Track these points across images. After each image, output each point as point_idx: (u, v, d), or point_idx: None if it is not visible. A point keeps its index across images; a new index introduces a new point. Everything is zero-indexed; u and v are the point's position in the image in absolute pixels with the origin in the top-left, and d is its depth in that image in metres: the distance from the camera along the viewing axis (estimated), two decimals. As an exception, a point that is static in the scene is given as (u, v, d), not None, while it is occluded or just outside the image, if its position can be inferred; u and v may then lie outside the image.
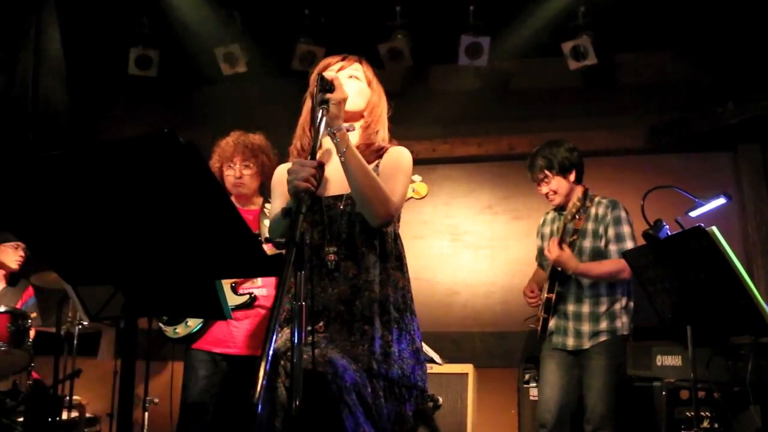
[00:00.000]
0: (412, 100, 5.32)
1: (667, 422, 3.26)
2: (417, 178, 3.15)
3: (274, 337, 1.62)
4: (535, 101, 5.26)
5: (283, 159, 3.76)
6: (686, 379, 3.12)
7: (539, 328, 3.77)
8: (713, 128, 4.72)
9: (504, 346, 4.98)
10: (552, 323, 3.73)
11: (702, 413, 3.18)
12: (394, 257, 2.34)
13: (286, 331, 2.29)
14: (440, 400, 4.28)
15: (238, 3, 5.16)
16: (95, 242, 1.78)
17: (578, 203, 3.57)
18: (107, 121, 5.94)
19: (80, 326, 4.36)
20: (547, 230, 3.98)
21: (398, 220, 2.39)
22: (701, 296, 2.73)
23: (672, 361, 3.31)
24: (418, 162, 2.75)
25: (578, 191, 3.76)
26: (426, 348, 3.85)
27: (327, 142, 2.33)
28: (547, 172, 3.74)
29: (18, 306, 4.68)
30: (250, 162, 3.59)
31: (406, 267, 2.39)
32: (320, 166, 1.93)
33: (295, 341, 1.74)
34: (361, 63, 2.50)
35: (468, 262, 5.20)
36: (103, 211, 1.67)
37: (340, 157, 2.14)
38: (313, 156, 1.98)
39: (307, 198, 1.88)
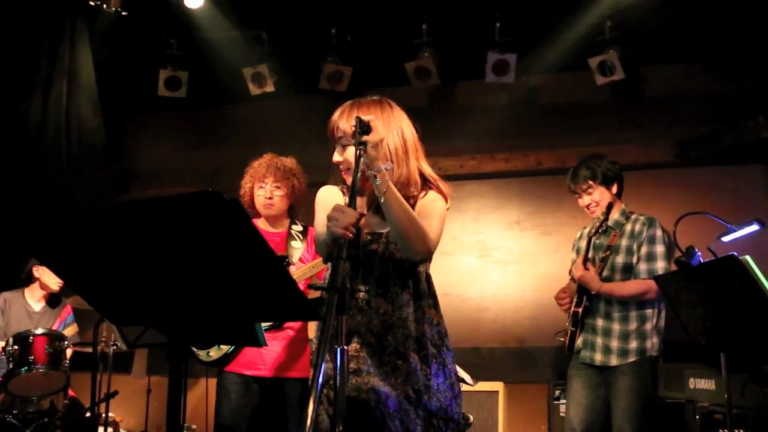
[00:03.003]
0: (440, 117, 5.35)
1: (701, 445, 3.25)
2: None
3: (320, 380, 1.67)
4: (563, 116, 5.25)
5: (312, 178, 3.84)
6: (720, 404, 3.10)
7: (566, 341, 3.77)
8: (743, 141, 4.67)
9: (534, 362, 4.98)
10: (579, 339, 3.72)
11: (737, 430, 3.16)
12: (428, 295, 2.39)
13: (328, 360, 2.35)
14: (471, 418, 4.25)
15: (265, 24, 5.22)
16: (141, 289, 1.83)
17: (601, 217, 3.55)
18: (138, 142, 6.05)
19: (114, 346, 4.45)
20: (583, 244, 3.86)
21: (430, 261, 2.42)
22: (735, 323, 2.72)
23: (705, 384, 3.28)
24: (445, 178, 2.75)
25: (618, 206, 3.75)
26: (457, 368, 3.88)
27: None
28: (590, 182, 3.70)
29: (56, 325, 4.79)
30: (281, 184, 3.63)
31: (439, 305, 2.43)
32: (360, 217, 1.97)
33: (338, 384, 1.79)
34: (358, 108, 2.35)
35: (497, 278, 5.22)
36: (150, 262, 1.72)
37: (380, 197, 2.17)
38: (352, 196, 2.02)
39: (346, 244, 1.92)
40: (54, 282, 4.81)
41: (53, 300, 4.96)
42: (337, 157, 2.39)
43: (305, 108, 5.44)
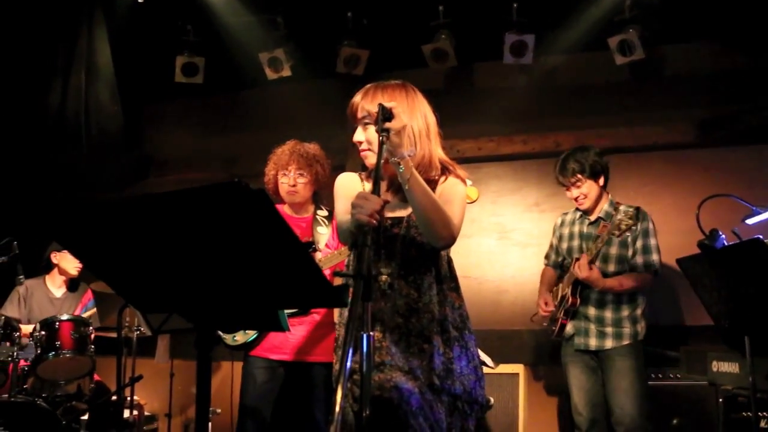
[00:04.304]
0: (457, 99, 5.31)
1: (725, 428, 3.25)
2: (467, 182, 3.10)
3: (347, 369, 1.68)
4: (581, 97, 5.17)
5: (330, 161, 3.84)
6: (744, 387, 3.10)
7: (556, 328, 3.91)
8: (767, 121, 4.62)
9: (553, 344, 4.96)
10: (570, 326, 3.87)
11: (761, 413, 3.15)
12: (449, 278, 2.42)
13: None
14: (491, 400, 4.32)
15: (281, 8, 5.21)
16: (168, 278, 1.85)
17: (630, 222, 3.53)
18: (156, 128, 6.08)
19: (138, 331, 4.51)
20: (566, 231, 4.09)
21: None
22: (759, 307, 2.70)
23: (729, 367, 3.27)
24: (464, 161, 2.74)
25: (605, 198, 3.92)
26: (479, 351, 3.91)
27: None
28: (579, 176, 3.84)
29: (78, 311, 4.86)
30: (304, 171, 3.64)
31: (460, 288, 2.45)
32: (384, 203, 1.98)
33: (365, 369, 1.80)
34: (383, 91, 2.39)
35: (516, 260, 5.20)
36: (177, 251, 1.74)
37: (403, 184, 2.18)
38: (376, 182, 2.03)
39: (371, 231, 1.92)
40: (72, 267, 4.88)
41: (73, 285, 5.03)
42: (358, 136, 2.40)
43: (322, 92, 5.43)
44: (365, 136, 2.38)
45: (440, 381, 2.26)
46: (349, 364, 1.68)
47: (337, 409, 1.60)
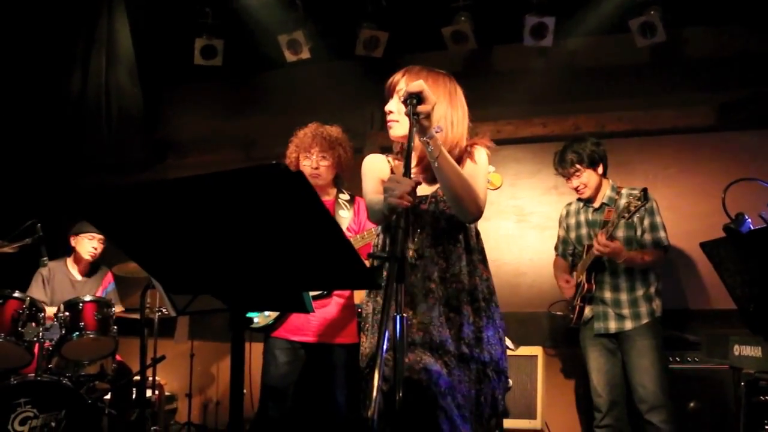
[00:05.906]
0: (476, 81, 5.25)
1: (746, 411, 3.25)
2: (490, 168, 3.08)
3: (384, 352, 1.70)
4: (601, 80, 5.15)
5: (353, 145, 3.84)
6: (767, 371, 3.11)
7: (575, 316, 3.97)
8: (789, 103, 4.59)
9: (571, 327, 4.99)
10: (588, 311, 3.94)
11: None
12: (477, 251, 2.46)
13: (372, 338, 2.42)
14: (510, 382, 4.34)
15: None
16: (205, 260, 1.86)
17: (638, 203, 3.60)
18: (175, 111, 6.09)
19: (159, 313, 4.55)
20: (572, 221, 4.16)
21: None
22: (786, 290, 2.70)
23: (751, 351, 3.26)
24: None
25: (606, 184, 3.98)
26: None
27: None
28: (578, 166, 3.92)
29: (99, 292, 4.91)
30: (326, 154, 3.63)
31: (487, 261, 2.49)
32: (416, 184, 1.99)
33: (398, 351, 1.82)
34: (428, 74, 2.44)
35: (534, 243, 5.21)
36: (215, 233, 1.75)
37: (432, 162, 2.19)
38: (407, 165, 2.04)
39: (404, 213, 1.94)
40: (86, 251, 4.91)
41: (94, 268, 5.07)
42: (391, 105, 2.42)
43: (341, 74, 5.42)
44: (396, 106, 2.39)
45: (469, 349, 2.30)
46: (385, 346, 1.70)
47: (375, 393, 1.62)
